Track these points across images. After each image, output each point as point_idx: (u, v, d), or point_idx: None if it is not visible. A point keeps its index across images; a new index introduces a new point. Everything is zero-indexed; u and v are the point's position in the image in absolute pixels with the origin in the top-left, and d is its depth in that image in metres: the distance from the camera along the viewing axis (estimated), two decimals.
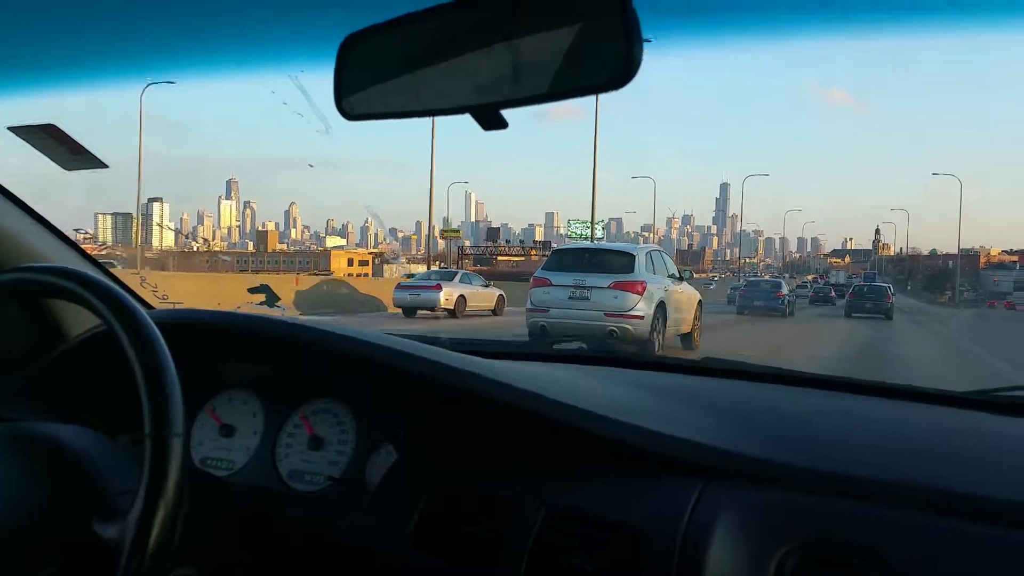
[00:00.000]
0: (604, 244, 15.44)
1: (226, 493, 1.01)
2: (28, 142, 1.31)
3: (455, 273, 21.25)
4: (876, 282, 38.76)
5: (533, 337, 10.06)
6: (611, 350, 1.66)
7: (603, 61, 0.74)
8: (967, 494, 0.83)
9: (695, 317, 11.94)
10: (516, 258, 70.35)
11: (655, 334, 10.23)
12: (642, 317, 10.00)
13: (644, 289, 10.14)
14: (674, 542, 0.85)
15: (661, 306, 10.44)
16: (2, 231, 1.23)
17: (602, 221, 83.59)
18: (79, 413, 0.99)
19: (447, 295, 18.83)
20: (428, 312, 19.00)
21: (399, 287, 20.01)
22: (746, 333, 17.43)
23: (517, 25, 0.78)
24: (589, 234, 77.69)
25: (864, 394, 1.30)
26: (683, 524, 0.86)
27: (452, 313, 19.01)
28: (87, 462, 0.86)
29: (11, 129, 1.30)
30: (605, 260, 10.64)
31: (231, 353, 1.28)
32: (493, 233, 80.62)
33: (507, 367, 1.14)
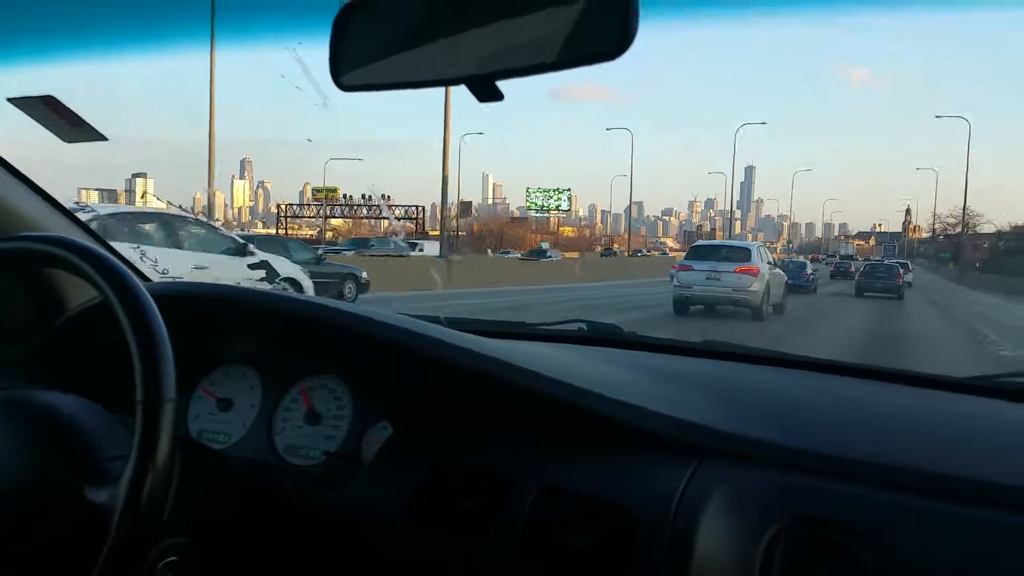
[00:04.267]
0: (729, 242, 22.27)
1: (221, 466, 1.01)
2: (28, 114, 1.31)
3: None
4: (894, 258, 37.80)
5: (678, 305, 15.20)
6: (611, 331, 1.64)
7: (599, 31, 0.73)
8: (962, 477, 0.83)
9: (783, 293, 16.67)
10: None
11: (763, 303, 14.69)
12: (757, 292, 14.47)
13: (759, 272, 14.61)
14: (666, 520, 0.85)
15: (767, 285, 14.91)
16: None
17: (568, 190, 76.09)
18: (78, 384, 1.00)
19: None
20: None
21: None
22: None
23: None
24: (548, 204, 73.72)
25: (864, 378, 1.30)
26: (674, 503, 0.86)
27: None
28: (80, 428, 0.86)
29: (11, 100, 1.30)
30: (731, 252, 15.38)
31: (230, 327, 1.28)
32: (465, 208, 75.02)
33: (503, 346, 1.14)
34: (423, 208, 59.07)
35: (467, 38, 0.79)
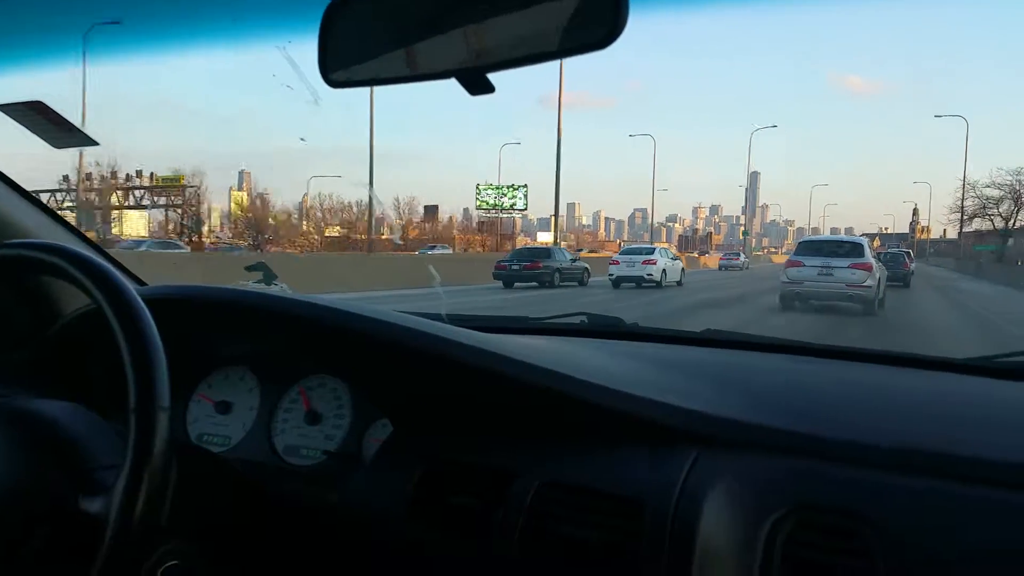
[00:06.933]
0: (840, 237, 21.77)
1: (220, 469, 1.01)
2: (17, 120, 1.30)
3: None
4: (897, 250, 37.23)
5: (785, 301, 14.77)
6: (612, 323, 1.64)
7: (588, 21, 0.73)
8: (963, 457, 0.82)
9: (884, 288, 16.15)
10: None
11: (876, 298, 14.44)
12: (870, 287, 14.26)
13: (872, 268, 14.48)
14: (667, 510, 0.85)
15: (879, 280, 14.74)
16: None
17: (524, 187, 64.03)
18: (75, 392, 0.99)
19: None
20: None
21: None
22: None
23: None
24: (501, 203, 63.56)
25: (865, 362, 1.30)
26: (676, 492, 0.86)
27: None
28: (74, 437, 0.86)
29: None
30: (843, 248, 15.24)
31: (226, 329, 1.27)
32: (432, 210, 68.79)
33: (503, 340, 1.13)
34: (195, 188, 47.23)
35: (456, 32, 0.79)
